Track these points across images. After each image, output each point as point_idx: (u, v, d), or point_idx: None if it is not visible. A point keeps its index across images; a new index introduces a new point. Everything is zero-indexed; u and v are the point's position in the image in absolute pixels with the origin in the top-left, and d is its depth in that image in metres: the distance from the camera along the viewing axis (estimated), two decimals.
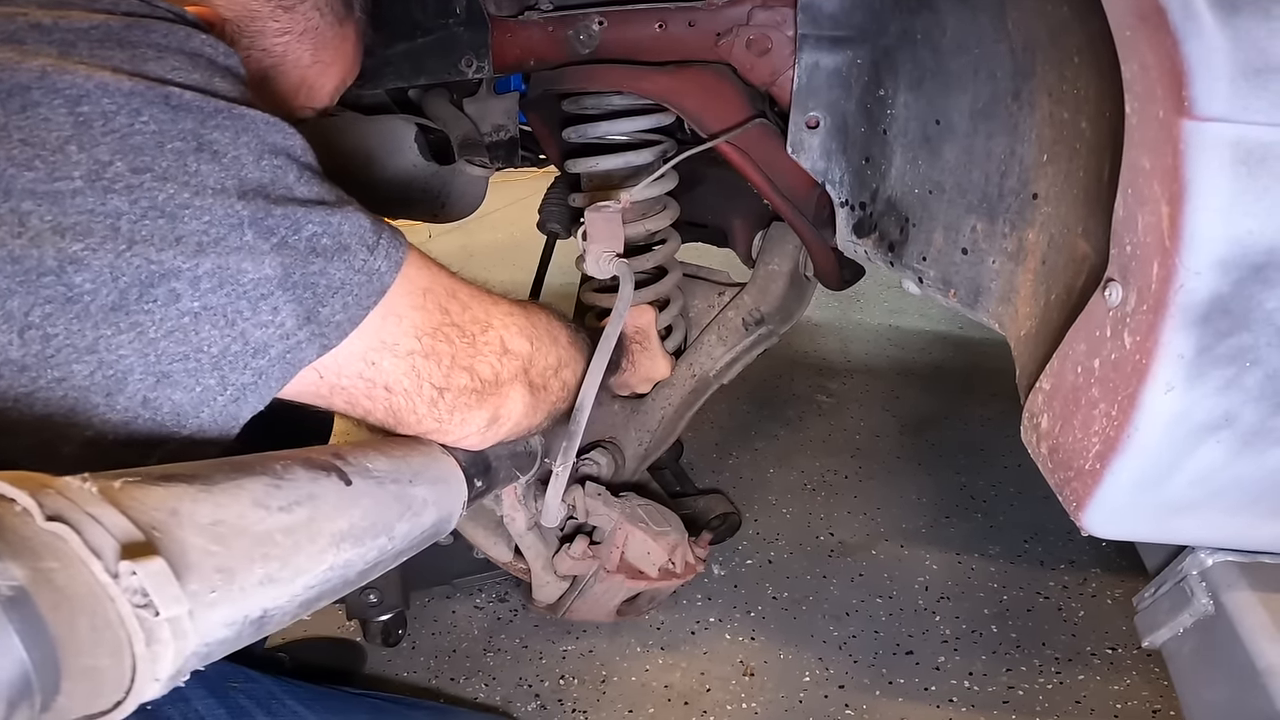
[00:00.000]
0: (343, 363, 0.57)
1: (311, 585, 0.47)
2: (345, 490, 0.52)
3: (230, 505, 0.43)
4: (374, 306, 0.56)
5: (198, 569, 0.39)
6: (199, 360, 0.49)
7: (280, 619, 0.46)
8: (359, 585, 0.54)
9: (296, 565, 0.46)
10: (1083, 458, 0.55)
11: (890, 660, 1.31)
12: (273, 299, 0.51)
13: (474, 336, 0.66)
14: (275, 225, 0.51)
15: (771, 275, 1.25)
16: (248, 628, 0.43)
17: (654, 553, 1.14)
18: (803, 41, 0.96)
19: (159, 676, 0.37)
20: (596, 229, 0.95)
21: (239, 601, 0.41)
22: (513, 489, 1.02)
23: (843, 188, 1.01)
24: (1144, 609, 0.71)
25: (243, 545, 0.43)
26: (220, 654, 0.42)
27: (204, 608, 0.39)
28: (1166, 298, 0.45)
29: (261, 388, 0.53)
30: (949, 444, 1.91)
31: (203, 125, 0.49)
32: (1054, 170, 0.66)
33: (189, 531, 0.40)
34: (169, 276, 0.47)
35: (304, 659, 1.36)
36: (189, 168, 0.48)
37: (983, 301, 0.77)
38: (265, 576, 0.43)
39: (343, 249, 0.54)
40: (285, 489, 0.48)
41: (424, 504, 0.61)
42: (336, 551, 0.49)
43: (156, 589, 0.36)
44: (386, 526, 0.55)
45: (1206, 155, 0.41)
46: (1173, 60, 0.40)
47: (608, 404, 1.31)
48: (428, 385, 0.62)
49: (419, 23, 1.08)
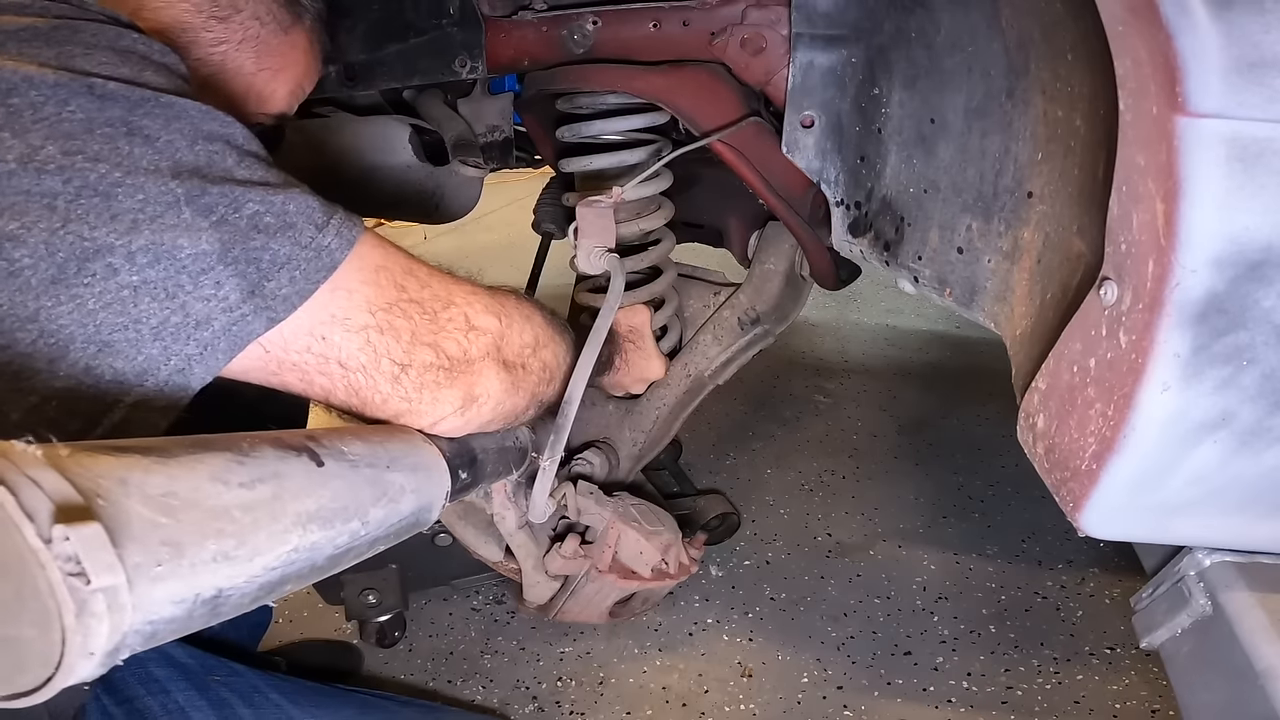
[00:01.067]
0: (289, 337, 0.57)
1: (273, 566, 0.45)
2: (315, 471, 0.50)
3: (185, 478, 0.42)
4: (323, 282, 0.57)
5: (142, 540, 0.37)
6: (139, 331, 0.51)
7: (239, 601, 0.44)
8: (331, 571, 0.52)
9: (255, 544, 0.44)
10: (1079, 458, 0.55)
11: (888, 661, 1.31)
12: (214, 273, 0.53)
13: (435, 313, 0.66)
14: (213, 203, 0.53)
15: (767, 275, 1.25)
16: (199, 607, 0.41)
17: (647, 552, 1.13)
18: (797, 40, 0.96)
19: (92, 651, 0.35)
20: (587, 223, 0.94)
21: (188, 578, 0.39)
22: (503, 486, 1.01)
23: (838, 187, 1.01)
24: (1142, 610, 0.70)
25: (195, 519, 0.41)
26: (170, 635, 0.40)
27: (147, 581, 0.37)
28: (1162, 296, 0.44)
29: (208, 359, 0.54)
30: (946, 444, 1.90)
31: (131, 113, 0.51)
32: (1049, 168, 0.65)
33: (136, 501, 0.38)
34: (104, 252, 0.49)
35: (300, 660, 1.35)
36: (120, 150, 0.50)
37: (978, 301, 0.77)
38: (219, 553, 0.41)
39: (287, 226, 0.56)
40: (249, 466, 0.46)
41: (401, 491, 0.59)
42: (302, 533, 0.48)
43: (89, 556, 0.34)
44: (360, 511, 0.53)
45: (1201, 151, 0.41)
46: (1166, 56, 0.40)
47: (601, 404, 1.31)
48: (387, 361, 0.62)
49: (412, 23, 1.08)
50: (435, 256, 0.71)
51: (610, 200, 0.95)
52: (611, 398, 1.31)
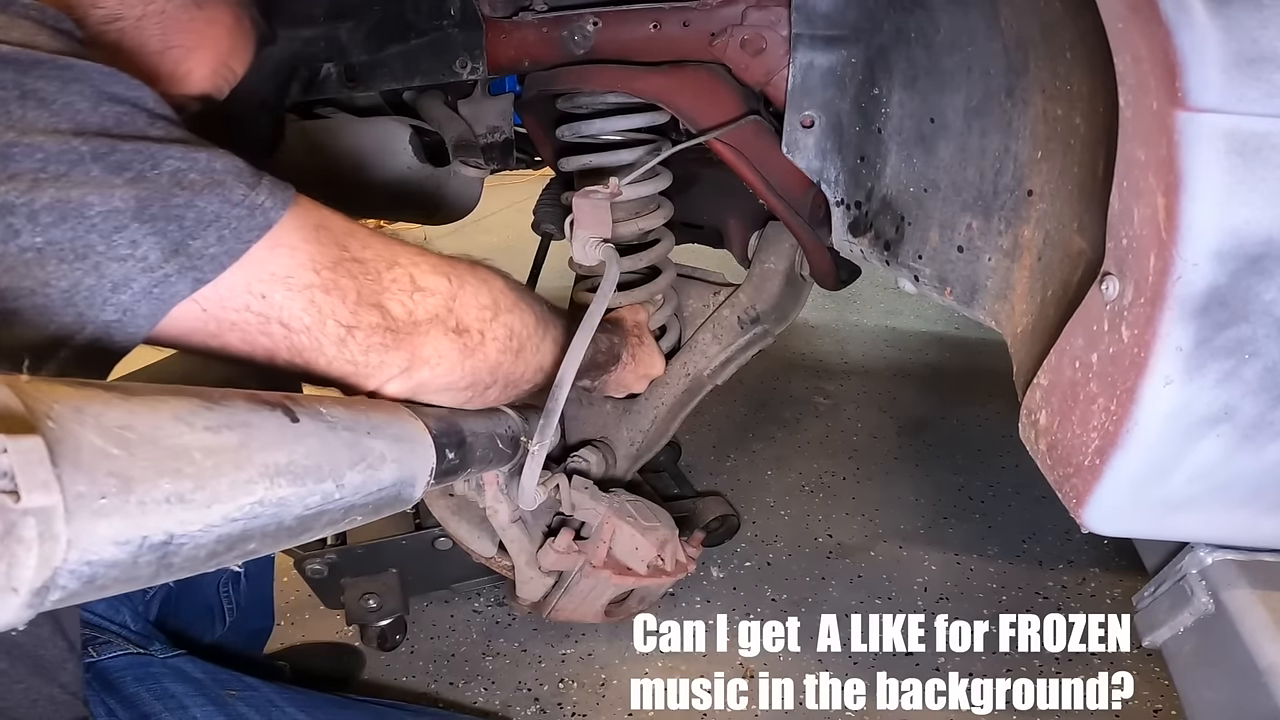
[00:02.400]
0: (225, 294, 0.55)
1: (234, 518, 0.43)
2: (289, 425, 0.48)
3: (145, 415, 0.39)
4: (257, 240, 0.55)
5: (89, 469, 0.35)
6: (48, 296, 0.48)
7: (192, 552, 0.41)
8: (302, 535, 0.50)
9: (215, 490, 0.41)
10: (1082, 453, 0.55)
11: (889, 661, 1.31)
12: (128, 231, 0.50)
13: (379, 273, 0.64)
14: (127, 160, 0.50)
15: (767, 274, 1.25)
16: (146, 552, 0.38)
17: (642, 548, 1.11)
18: (797, 41, 0.96)
19: (16, 586, 0.32)
20: (583, 214, 0.94)
21: (136, 517, 0.37)
22: (495, 479, 1.00)
23: (838, 187, 1.01)
24: (1143, 608, 0.70)
25: (150, 454, 0.38)
26: (113, 583, 0.37)
27: (89, 515, 0.34)
28: (1164, 290, 0.44)
29: (129, 325, 0.51)
30: (946, 445, 1.91)
31: (24, 75, 0.48)
32: (1048, 166, 0.66)
33: (89, 430, 0.36)
34: (3, 211, 0.46)
35: (303, 664, 1.35)
36: (13, 114, 0.47)
37: (979, 299, 0.77)
38: (174, 494, 0.39)
39: (215, 184, 0.53)
40: (217, 412, 0.43)
41: (381, 459, 0.56)
42: (270, 485, 0.45)
43: (24, 470, 0.32)
44: (335, 472, 0.51)
45: (1201, 146, 0.41)
46: (1165, 51, 0.40)
47: (599, 403, 1.31)
48: (332, 323, 0.60)
49: (413, 24, 1.08)
50: None
51: (607, 192, 0.95)
52: (609, 397, 1.31)
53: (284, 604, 1.53)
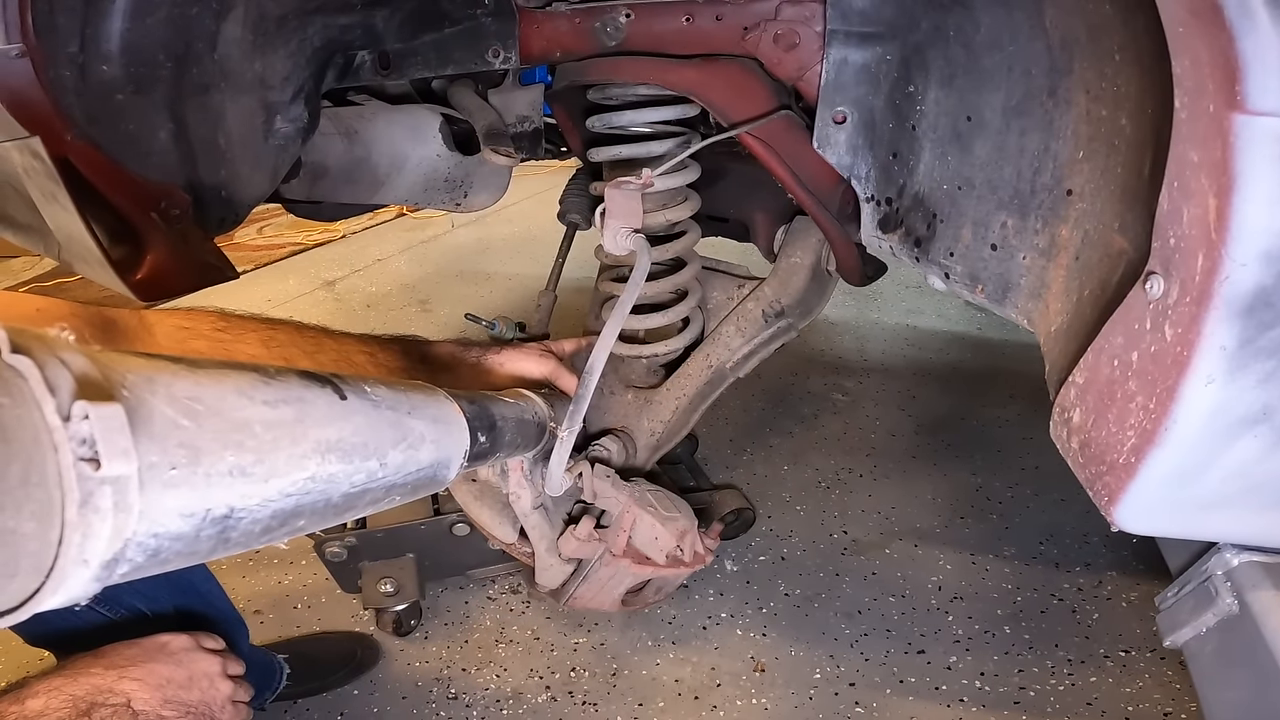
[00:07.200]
0: None
1: (288, 492, 0.43)
2: (339, 403, 0.48)
3: (211, 387, 0.40)
4: None
5: (161, 439, 0.35)
6: None
7: (249, 527, 0.41)
8: (345, 513, 0.50)
9: (273, 464, 0.42)
10: (1116, 452, 0.55)
11: (901, 659, 1.31)
12: None
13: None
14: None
15: (793, 268, 1.25)
16: (209, 525, 0.38)
17: (662, 538, 1.12)
18: (831, 37, 0.96)
19: (87, 558, 0.32)
20: (615, 205, 0.95)
21: (202, 489, 0.37)
22: (519, 464, 1.01)
23: (869, 183, 1.01)
24: (1166, 608, 0.70)
25: (216, 427, 0.39)
26: (175, 557, 0.37)
27: (159, 486, 0.34)
28: (1210, 289, 0.45)
29: None
30: (965, 445, 1.91)
31: None
32: (1090, 166, 0.66)
33: (161, 400, 0.36)
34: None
35: (316, 654, 1.36)
36: None
37: (1011, 297, 0.77)
38: (236, 467, 0.39)
39: None
40: (274, 386, 0.44)
41: (421, 439, 0.57)
42: (321, 461, 0.45)
43: (105, 438, 0.32)
44: (379, 450, 0.51)
45: (1257, 148, 0.41)
46: (1227, 55, 0.40)
47: (620, 393, 1.31)
48: None
49: (447, 13, 1.08)
50: (458, 248, 0.72)
51: (639, 183, 0.95)
52: (631, 386, 1.32)
53: (300, 586, 1.55)
